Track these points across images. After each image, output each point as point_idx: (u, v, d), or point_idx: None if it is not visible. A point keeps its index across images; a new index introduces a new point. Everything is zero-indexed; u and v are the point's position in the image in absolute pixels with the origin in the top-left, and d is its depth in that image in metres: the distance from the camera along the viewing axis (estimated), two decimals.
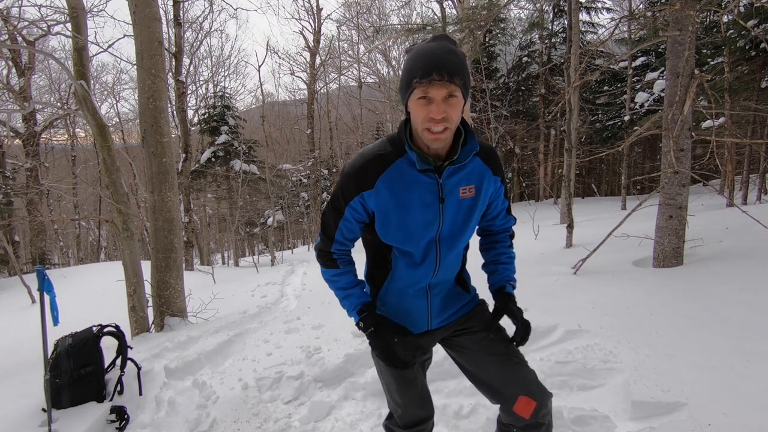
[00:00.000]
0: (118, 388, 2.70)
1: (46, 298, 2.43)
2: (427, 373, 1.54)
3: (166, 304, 4.70)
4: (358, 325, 1.34)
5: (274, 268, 11.96)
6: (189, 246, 13.57)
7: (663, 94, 7.53)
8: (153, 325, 4.67)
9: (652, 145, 20.20)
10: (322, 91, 22.71)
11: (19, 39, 10.42)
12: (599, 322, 2.91)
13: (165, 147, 4.67)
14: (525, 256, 5.48)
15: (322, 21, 19.03)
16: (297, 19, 37.67)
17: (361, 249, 1.45)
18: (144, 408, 2.71)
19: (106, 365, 2.77)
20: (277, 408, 2.71)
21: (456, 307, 1.43)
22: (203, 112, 18.98)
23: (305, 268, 10.22)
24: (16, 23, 7.45)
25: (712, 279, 3.38)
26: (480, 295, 1.52)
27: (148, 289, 4.74)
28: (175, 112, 14.90)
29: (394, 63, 20.11)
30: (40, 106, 15.67)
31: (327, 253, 1.37)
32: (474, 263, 1.49)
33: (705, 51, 12.11)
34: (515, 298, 1.42)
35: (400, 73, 1.20)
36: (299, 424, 2.47)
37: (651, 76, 14.91)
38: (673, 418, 1.94)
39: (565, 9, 15.82)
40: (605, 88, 18.53)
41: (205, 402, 2.82)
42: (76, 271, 10.27)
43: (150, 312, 4.70)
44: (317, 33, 19.07)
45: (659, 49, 14.95)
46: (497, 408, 1.42)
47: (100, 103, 20.28)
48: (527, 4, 16.78)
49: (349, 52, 22.74)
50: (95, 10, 8.28)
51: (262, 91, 24.10)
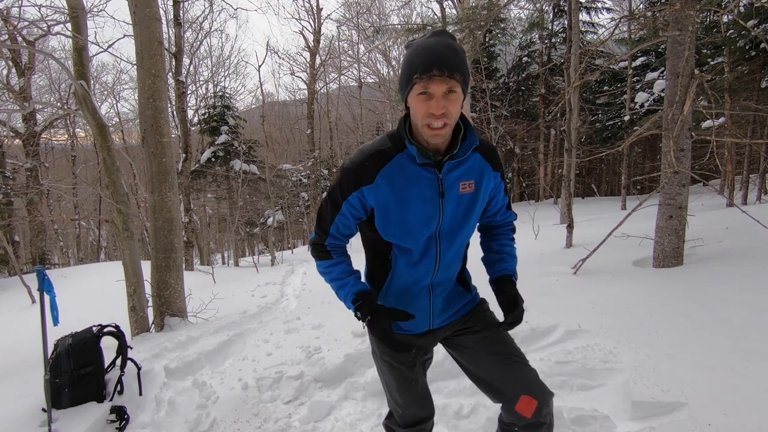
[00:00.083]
0: (118, 388, 2.70)
1: (46, 298, 2.43)
2: (428, 372, 1.54)
3: (166, 304, 4.70)
4: (356, 315, 1.32)
5: (274, 268, 11.95)
6: (189, 246, 13.57)
7: (663, 94, 7.53)
8: (153, 325, 4.67)
9: (652, 145, 20.20)
10: (322, 91, 22.75)
11: (19, 39, 10.41)
12: (599, 322, 2.91)
13: (165, 147, 4.68)
14: (525, 256, 5.47)
15: (322, 21, 19.08)
16: (297, 19, 37.83)
17: (361, 250, 1.45)
18: (144, 408, 2.71)
19: (106, 365, 2.77)
20: (277, 408, 2.71)
21: (457, 306, 1.43)
22: (203, 112, 18.98)
23: (305, 268, 10.22)
24: (16, 23, 7.44)
25: (712, 279, 3.38)
26: (481, 294, 1.52)
27: (148, 289, 4.74)
28: (175, 112, 14.91)
29: (394, 63, 20.12)
30: (40, 106, 15.68)
31: (320, 245, 1.37)
32: (474, 263, 1.49)
33: (705, 51, 12.11)
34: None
35: (400, 68, 1.20)
36: (299, 424, 2.47)
37: (651, 76, 14.91)
38: (673, 418, 1.94)
39: (565, 9, 15.83)
40: (605, 88, 18.53)
41: (205, 402, 2.82)
42: (76, 271, 10.27)
43: (150, 312, 4.71)
44: (317, 33, 19.10)
45: (659, 49, 14.95)
46: (497, 408, 1.42)
47: (100, 103, 20.29)
48: (527, 4, 16.79)
49: (349, 52, 22.80)
50: (95, 10, 8.27)
51: (262, 91, 24.17)
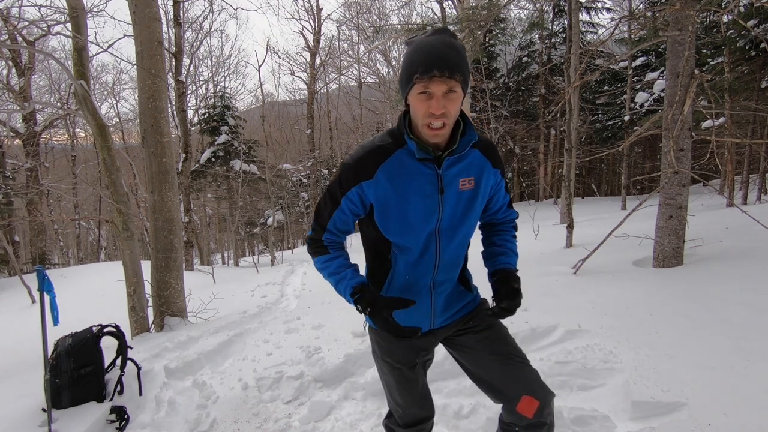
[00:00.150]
0: (118, 388, 2.70)
1: (46, 298, 2.43)
2: (428, 372, 1.54)
3: (166, 304, 4.70)
4: (356, 308, 1.31)
5: (274, 268, 11.95)
6: (189, 246, 13.57)
7: (663, 94, 7.53)
8: (153, 325, 4.67)
9: (652, 145, 20.20)
10: (322, 91, 22.76)
11: (19, 39, 10.41)
12: (599, 322, 2.91)
13: (165, 147, 4.68)
14: (525, 256, 5.46)
15: (322, 21, 19.10)
16: (297, 19, 37.77)
17: (361, 250, 1.45)
18: (144, 408, 2.71)
19: (106, 365, 2.77)
20: (277, 408, 2.71)
21: (458, 306, 1.43)
22: (203, 112, 18.98)
23: (305, 268, 10.21)
24: (16, 23, 7.44)
25: (712, 279, 3.38)
26: (481, 294, 1.52)
27: (148, 289, 4.74)
28: (175, 112, 14.91)
29: (394, 63, 20.13)
30: (40, 106, 15.68)
31: (317, 241, 1.36)
32: (474, 263, 1.48)
33: (705, 51, 12.11)
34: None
35: (401, 66, 1.20)
36: (299, 424, 2.47)
37: (651, 76, 14.92)
38: (673, 418, 1.94)
39: (565, 9, 15.83)
40: (605, 88, 18.53)
41: (205, 402, 2.82)
42: (76, 271, 10.26)
43: (150, 312, 4.71)
44: (317, 33, 19.11)
45: (659, 49, 14.95)
46: (498, 408, 1.42)
47: (100, 103, 20.29)
48: (527, 4, 16.82)
49: (349, 52, 22.81)
50: (95, 10, 8.26)
51: (262, 91, 24.12)
